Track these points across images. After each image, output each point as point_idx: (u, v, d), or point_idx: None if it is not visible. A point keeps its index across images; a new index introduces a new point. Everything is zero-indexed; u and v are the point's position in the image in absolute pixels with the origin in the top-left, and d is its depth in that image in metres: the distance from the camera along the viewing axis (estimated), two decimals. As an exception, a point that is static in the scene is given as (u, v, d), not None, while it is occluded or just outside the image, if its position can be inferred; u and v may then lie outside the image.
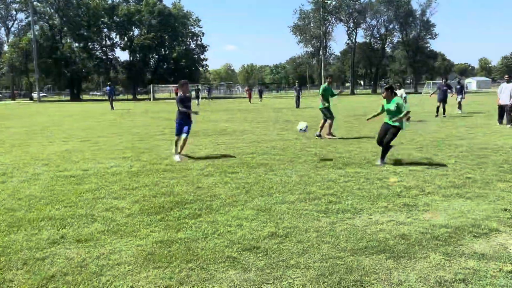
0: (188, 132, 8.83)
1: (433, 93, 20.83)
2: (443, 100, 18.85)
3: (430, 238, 4.15)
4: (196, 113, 9.38)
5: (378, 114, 8.63)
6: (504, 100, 14.73)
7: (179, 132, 8.92)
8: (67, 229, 4.58)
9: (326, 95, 12.33)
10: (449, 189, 6.03)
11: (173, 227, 4.59)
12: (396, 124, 7.80)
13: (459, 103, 20.69)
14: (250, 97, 39.95)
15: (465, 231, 4.33)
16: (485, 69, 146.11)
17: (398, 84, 18.54)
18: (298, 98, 29.87)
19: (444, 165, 7.69)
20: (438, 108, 19.00)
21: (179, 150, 8.81)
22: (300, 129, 9.19)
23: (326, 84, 12.66)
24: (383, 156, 7.98)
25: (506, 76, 15.00)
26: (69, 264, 3.70)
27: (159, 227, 4.60)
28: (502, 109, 14.93)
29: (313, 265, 3.61)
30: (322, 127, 12.15)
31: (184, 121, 8.97)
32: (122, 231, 4.49)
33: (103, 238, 4.31)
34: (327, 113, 12.26)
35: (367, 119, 9.04)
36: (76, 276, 3.46)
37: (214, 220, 4.82)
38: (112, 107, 29.02)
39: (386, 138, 7.87)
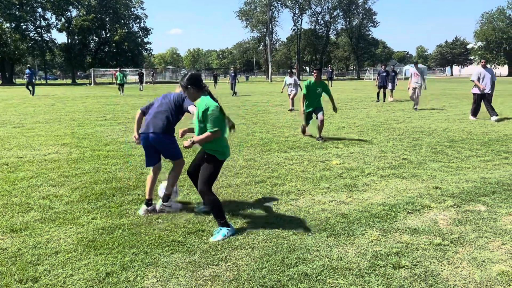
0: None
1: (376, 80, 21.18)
2: (383, 86, 19.67)
3: (368, 216, 4.36)
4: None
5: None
6: (489, 89, 12.36)
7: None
8: (-1, 219, 4.32)
9: (313, 96, 9.09)
10: (387, 169, 6.34)
11: (115, 214, 4.47)
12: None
13: (391, 91, 20.26)
14: None
15: (400, 209, 4.59)
16: (422, 56, 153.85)
17: (289, 71, 17.10)
18: (233, 85, 27.02)
19: (383, 148, 8.07)
20: (378, 94, 19.85)
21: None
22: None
23: (312, 79, 9.17)
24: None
25: (483, 61, 13.08)
26: (3, 254, 3.50)
27: (100, 214, 4.46)
28: (481, 99, 12.45)
29: (257, 245, 3.67)
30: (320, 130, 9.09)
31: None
32: (60, 219, 4.31)
33: (40, 226, 4.11)
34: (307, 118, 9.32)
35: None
36: (10, 266, 3.29)
37: (158, 205, 4.74)
38: (32, 93, 26.46)
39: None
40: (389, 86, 20.06)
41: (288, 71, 17.35)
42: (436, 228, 4.03)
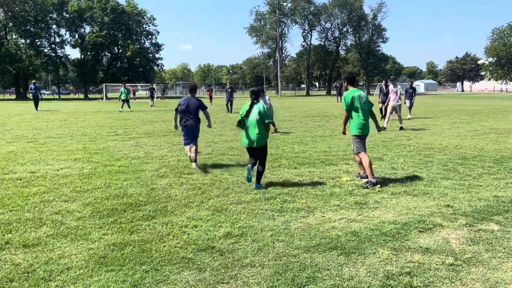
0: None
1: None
2: (383, 101, 18.03)
3: (379, 234, 4.33)
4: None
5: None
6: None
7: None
8: (12, 234, 4.37)
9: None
10: (397, 187, 6.30)
11: (127, 230, 4.50)
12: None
13: (409, 108, 19.14)
14: (211, 98, 38.07)
15: (411, 227, 4.55)
16: (432, 72, 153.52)
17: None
18: (229, 101, 23.92)
19: (393, 164, 8.02)
20: (381, 109, 18.41)
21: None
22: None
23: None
24: None
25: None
26: (15, 270, 3.53)
27: (111, 230, 4.49)
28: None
29: (267, 264, 3.67)
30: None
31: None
32: (72, 235, 4.35)
33: (52, 242, 4.15)
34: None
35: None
36: (23, 282, 3.32)
37: (169, 221, 4.78)
38: (36, 107, 26.30)
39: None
40: (407, 103, 19.03)
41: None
42: (448, 248, 3.99)
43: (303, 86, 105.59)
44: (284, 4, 73.76)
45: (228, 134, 13.24)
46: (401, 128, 14.08)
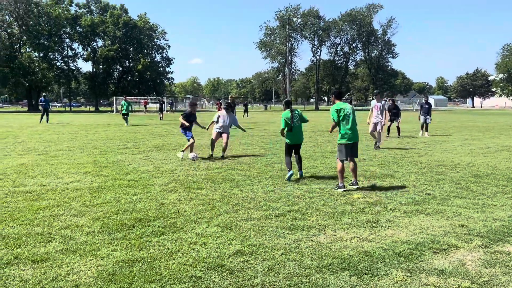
0: (191, 136, 10.99)
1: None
2: (391, 120, 17.24)
3: (392, 255, 4.24)
4: (204, 127, 11.81)
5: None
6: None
7: (190, 136, 10.97)
8: (22, 248, 4.35)
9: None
10: (410, 205, 6.20)
11: (136, 246, 4.46)
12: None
13: (427, 125, 18.02)
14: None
15: (425, 247, 4.45)
16: (442, 88, 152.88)
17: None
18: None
19: (405, 181, 7.92)
20: (389, 127, 17.54)
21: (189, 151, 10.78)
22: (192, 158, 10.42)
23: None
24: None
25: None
26: (24, 286, 3.50)
27: (120, 246, 4.45)
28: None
29: (278, 284, 3.59)
30: None
31: (188, 128, 11.01)
32: (81, 250, 4.32)
33: (61, 257, 4.12)
34: None
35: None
36: (31, 299, 3.28)
37: (178, 238, 4.73)
38: (47, 120, 26.85)
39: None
40: (425, 119, 17.76)
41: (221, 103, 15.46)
42: (464, 270, 3.88)
43: (312, 100, 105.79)
44: (294, 19, 74.41)
45: (237, 149, 13.22)
46: (377, 147, 13.01)
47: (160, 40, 75.38)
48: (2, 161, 10.26)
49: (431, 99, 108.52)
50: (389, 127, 17.73)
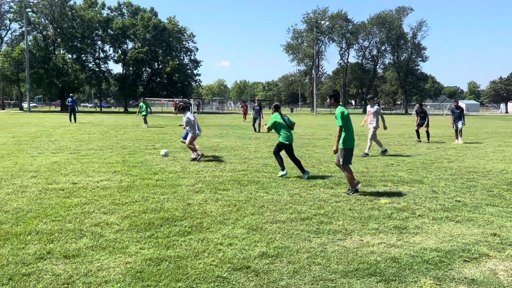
0: (185, 138, 11.51)
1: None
2: (419, 124, 17.23)
3: (421, 262, 4.15)
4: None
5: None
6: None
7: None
8: (54, 244, 4.50)
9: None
10: (439, 212, 6.06)
11: (163, 245, 4.53)
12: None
13: (461, 131, 17.16)
14: (245, 114, 37.24)
15: (455, 256, 4.34)
16: (474, 92, 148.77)
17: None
18: (256, 120, 21.99)
19: (434, 188, 7.74)
20: (417, 132, 17.41)
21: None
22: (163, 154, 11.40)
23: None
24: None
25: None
26: (56, 280, 3.62)
27: (148, 244, 4.54)
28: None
29: (303, 287, 3.58)
30: None
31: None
32: (110, 247, 4.42)
33: (91, 254, 4.24)
34: None
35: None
36: (63, 293, 3.39)
37: (204, 238, 4.78)
38: (75, 120, 27.66)
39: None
40: (458, 124, 16.97)
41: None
42: (496, 280, 3.76)
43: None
44: (322, 22, 74.02)
45: (263, 151, 13.24)
46: (366, 155, 12.27)
47: (188, 43, 76.46)
48: (36, 159, 10.63)
49: (461, 104, 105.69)
50: (417, 131, 17.45)
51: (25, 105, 62.88)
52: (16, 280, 3.62)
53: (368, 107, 13.32)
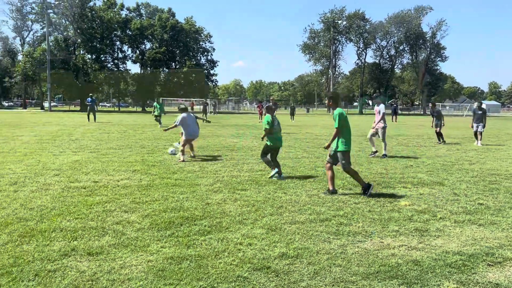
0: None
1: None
2: (436, 125, 16.91)
3: (444, 265, 4.10)
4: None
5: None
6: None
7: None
8: (78, 241, 4.59)
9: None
10: (461, 215, 5.97)
11: (184, 244, 4.58)
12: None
13: (481, 133, 16.54)
14: (261, 114, 36.74)
15: (478, 259, 4.27)
16: (495, 93, 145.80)
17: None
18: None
19: (455, 190, 7.63)
20: (436, 133, 17.13)
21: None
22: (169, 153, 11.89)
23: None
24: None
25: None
26: (81, 277, 3.69)
27: (169, 243, 4.59)
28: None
29: (324, 289, 3.57)
30: None
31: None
32: (132, 246, 4.49)
33: (114, 251, 4.31)
34: None
35: None
36: (87, 290, 3.45)
37: (224, 237, 4.81)
38: (94, 119, 28.34)
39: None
40: (478, 127, 16.46)
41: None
42: (521, 285, 3.69)
43: (355, 104, 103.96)
44: (339, 22, 73.50)
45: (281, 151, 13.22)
46: (384, 156, 12.07)
47: (205, 43, 76.94)
48: (58, 158, 10.84)
49: (484, 105, 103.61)
50: (436, 132, 17.19)
51: (46, 104, 64.20)
52: (42, 276, 3.70)
53: (375, 107, 13.11)
